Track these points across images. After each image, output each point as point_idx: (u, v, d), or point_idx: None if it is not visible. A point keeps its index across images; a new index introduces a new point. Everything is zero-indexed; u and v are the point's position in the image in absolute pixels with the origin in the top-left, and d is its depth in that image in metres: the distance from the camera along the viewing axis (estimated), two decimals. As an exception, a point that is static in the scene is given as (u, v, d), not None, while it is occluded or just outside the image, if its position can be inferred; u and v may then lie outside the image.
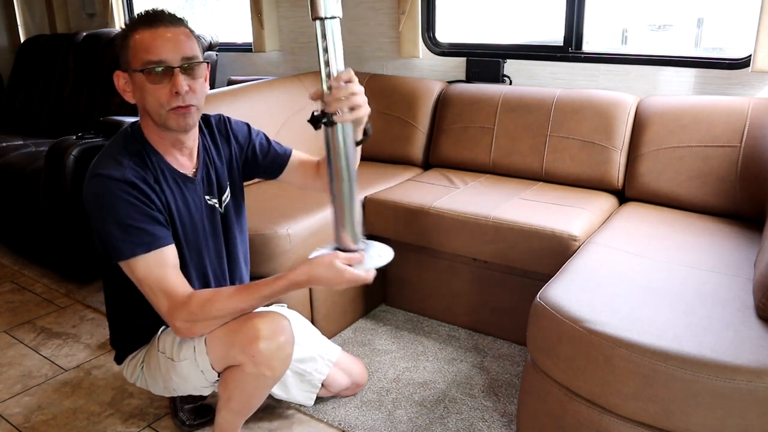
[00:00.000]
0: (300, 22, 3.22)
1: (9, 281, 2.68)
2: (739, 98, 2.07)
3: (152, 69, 1.25)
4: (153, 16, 1.28)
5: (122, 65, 1.31)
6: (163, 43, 1.25)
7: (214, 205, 1.47)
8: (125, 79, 1.31)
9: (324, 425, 1.70)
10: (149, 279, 1.28)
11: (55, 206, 2.46)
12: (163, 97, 1.27)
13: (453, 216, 2.02)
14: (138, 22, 1.28)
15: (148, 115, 1.32)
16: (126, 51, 1.28)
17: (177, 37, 1.27)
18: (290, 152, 1.60)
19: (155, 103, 1.28)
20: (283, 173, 1.59)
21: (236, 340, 1.32)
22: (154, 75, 1.25)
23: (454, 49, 2.81)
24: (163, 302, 1.29)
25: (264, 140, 1.57)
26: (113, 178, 1.27)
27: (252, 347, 1.30)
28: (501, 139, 2.41)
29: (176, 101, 1.27)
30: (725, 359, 1.15)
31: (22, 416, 1.77)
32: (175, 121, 1.30)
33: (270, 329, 1.32)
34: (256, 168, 1.57)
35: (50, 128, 3.52)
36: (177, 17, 1.31)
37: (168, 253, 1.30)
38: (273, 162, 1.58)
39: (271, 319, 1.34)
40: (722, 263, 1.59)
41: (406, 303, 2.32)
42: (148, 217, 1.28)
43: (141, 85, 1.27)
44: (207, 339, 1.36)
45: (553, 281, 1.51)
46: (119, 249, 1.27)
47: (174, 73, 1.26)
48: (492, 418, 1.71)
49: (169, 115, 1.29)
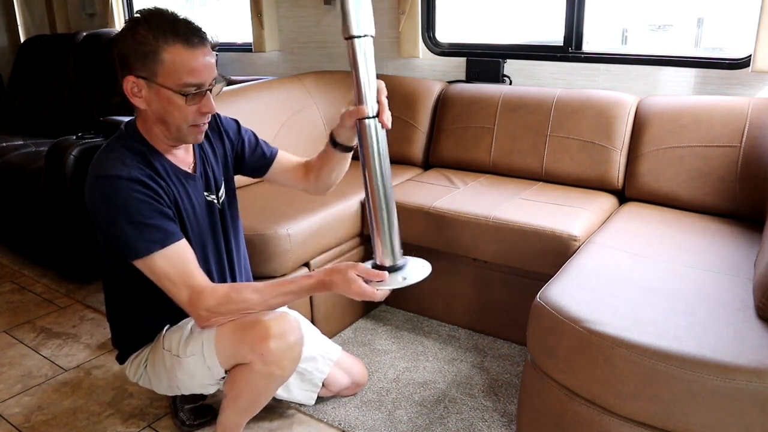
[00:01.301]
0: (300, 22, 3.22)
1: (9, 281, 2.68)
2: (739, 98, 2.07)
3: (189, 91, 1.25)
4: (189, 32, 1.24)
5: (141, 73, 1.25)
6: (205, 68, 1.26)
7: (212, 201, 1.47)
8: (139, 86, 1.27)
9: (324, 425, 1.70)
10: (169, 273, 1.28)
11: (55, 206, 2.46)
12: (190, 115, 1.29)
13: (453, 216, 2.02)
14: (170, 35, 1.23)
15: (162, 125, 1.32)
16: (154, 63, 1.23)
17: (211, 61, 1.28)
18: (276, 151, 1.62)
19: (180, 119, 1.29)
20: (269, 172, 1.61)
21: (246, 338, 1.33)
22: (189, 96, 1.26)
23: (454, 49, 2.81)
24: (184, 293, 1.29)
25: (252, 137, 1.59)
26: (121, 178, 1.26)
27: (262, 345, 1.31)
28: (501, 139, 2.41)
29: (202, 119, 1.31)
30: (725, 359, 1.15)
31: (22, 416, 1.77)
32: (194, 136, 1.34)
33: (280, 328, 1.33)
34: (242, 164, 1.59)
35: (50, 128, 3.52)
36: (204, 32, 1.28)
37: (183, 246, 1.31)
38: (259, 160, 1.59)
39: (281, 318, 1.35)
40: (722, 263, 1.59)
41: (406, 303, 2.32)
42: (159, 213, 1.29)
43: (169, 100, 1.26)
44: (216, 335, 1.36)
45: (553, 281, 1.51)
46: (135, 247, 1.27)
47: (206, 96, 1.28)
48: (492, 418, 1.71)
49: (190, 131, 1.32)
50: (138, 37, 1.23)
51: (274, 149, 1.62)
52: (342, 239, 2.14)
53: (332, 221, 2.06)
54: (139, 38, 1.23)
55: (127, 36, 1.25)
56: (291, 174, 1.62)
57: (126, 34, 1.25)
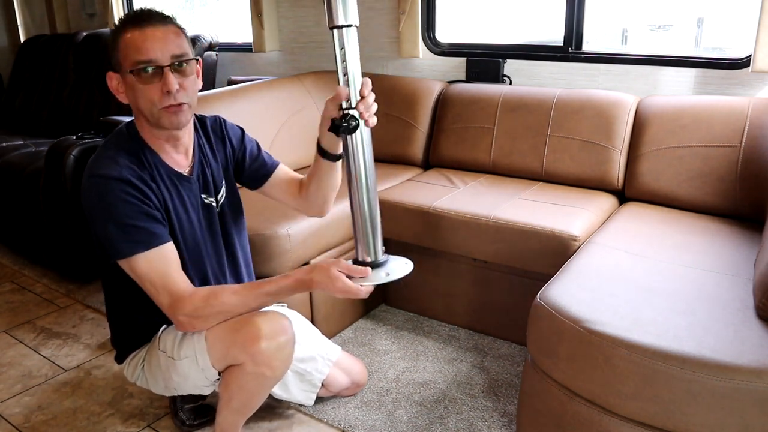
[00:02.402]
0: (300, 22, 3.22)
1: (9, 281, 2.68)
2: (739, 98, 2.07)
3: (142, 69, 1.25)
4: (141, 15, 1.27)
5: (114, 66, 1.31)
6: (153, 42, 1.25)
7: (210, 203, 1.47)
8: (117, 80, 1.32)
9: (324, 425, 1.70)
10: (150, 276, 1.28)
11: (55, 206, 2.46)
12: (154, 96, 1.27)
13: (453, 216, 2.02)
14: (126, 22, 1.27)
15: (141, 115, 1.32)
16: (116, 52, 1.28)
17: (166, 36, 1.27)
18: (277, 164, 1.59)
19: (147, 103, 1.28)
20: (265, 184, 1.57)
21: (237, 339, 1.32)
22: (144, 75, 1.26)
23: (454, 49, 2.81)
24: (165, 298, 1.29)
25: (255, 147, 1.58)
26: (110, 178, 1.27)
27: (253, 346, 1.30)
28: (501, 139, 2.41)
29: (168, 100, 1.28)
30: (725, 359, 1.15)
31: (22, 416, 1.77)
32: (168, 120, 1.30)
33: (271, 329, 1.32)
34: (241, 172, 1.57)
35: (50, 128, 3.52)
36: (165, 15, 1.30)
37: (167, 249, 1.31)
38: (258, 169, 1.56)
39: (272, 318, 1.34)
40: (722, 263, 1.59)
41: (406, 303, 2.32)
42: (145, 215, 1.29)
43: (132, 86, 1.28)
44: (208, 337, 1.36)
45: (553, 281, 1.51)
46: (119, 248, 1.27)
47: (164, 73, 1.26)
48: (492, 418, 1.71)
49: (162, 114, 1.29)
50: (111, 33, 1.30)
51: (276, 162, 1.59)
52: (342, 239, 2.14)
53: (332, 221, 2.06)
54: (111, 35, 1.30)
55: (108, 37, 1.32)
56: (286, 189, 1.58)
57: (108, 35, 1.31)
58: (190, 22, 4.33)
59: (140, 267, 1.28)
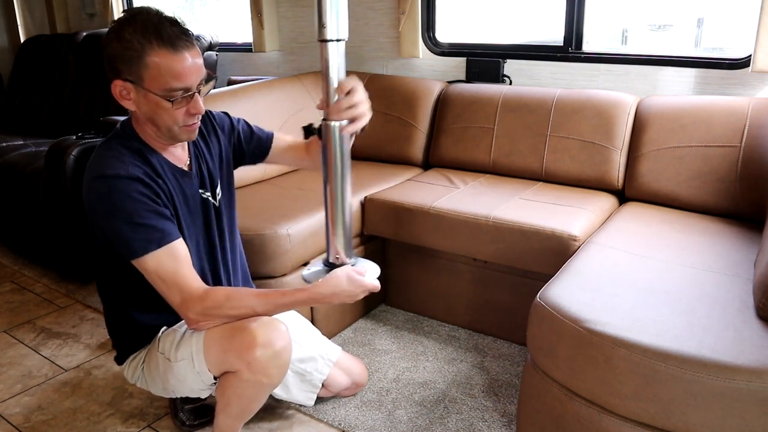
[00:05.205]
0: (300, 22, 3.22)
1: (9, 281, 2.68)
2: (739, 98, 2.07)
3: (176, 96, 1.25)
4: (173, 36, 1.22)
5: (128, 76, 1.25)
6: (189, 71, 1.24)
7: (208, 198, 1.47)
8: (128, 89, 1.27)
9: (324, 425, 1.70)
10: (162, 274, 1.28)
11: (55, 206, 2.46)
12: (179, 117, 1.28)
13: (453, 216, 2.02)
14: (155, 39, 1.21)
15: (153, 125, 1.31)
16: (139, 67, 1.22)
17: (198, 63, 1.27)
18: (272, 135, 1.62)
19: (170, 122, 1.29)
20: (269, 155, 1.62)
21: (233, 346, 1.31)
22: (175, 99, 1.25)
23: (454, 49, 2.81)
24: (176, 295, 1.29)
25: (245, 126, 1.60)
26: (119, 177, 1.26)
27: (248, 354, 1.30)
28: (501, 139, 2.41)
29: (192, 120, 1.31)
30: (725, 359, 1.15)
31: (22, 416, 1.77)
32: (186, 135, 1.34)
33: (267, 336, 1.31)
34: (242, 156, 1.59)
35: (50, 128, 3.52)
36: (188, 31, 1.26)
37: (178, 246, 1.31)
38: (258, 147, 1.60)
39: (268, 325, 1.33)
40: (722, 263, 1.59)
41: (406, 303, 2.32)
42: (155, 213, 1.29)
43: (156, 104, 1.26)
44: (204, 341, 1.36)
45: (553, 281, 1.51)
46: (132, 247, 1.27)
47: (194, 98, 1.28)
48: (492, 418, 1.71)
49: (182, 130, 1.32)
50: (123, 41, 1.22)
51: (269, 132, 1.63)
52: (342, 239, 2.14)
53: (332, 221, 2.06)
54: (124, 42, 1.22)
55: (113, 39, 1.24)
56: (291, 153, 1.63)
57: (112, 37, 1.24)
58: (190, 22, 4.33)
59: (152, 265, 1.28)
